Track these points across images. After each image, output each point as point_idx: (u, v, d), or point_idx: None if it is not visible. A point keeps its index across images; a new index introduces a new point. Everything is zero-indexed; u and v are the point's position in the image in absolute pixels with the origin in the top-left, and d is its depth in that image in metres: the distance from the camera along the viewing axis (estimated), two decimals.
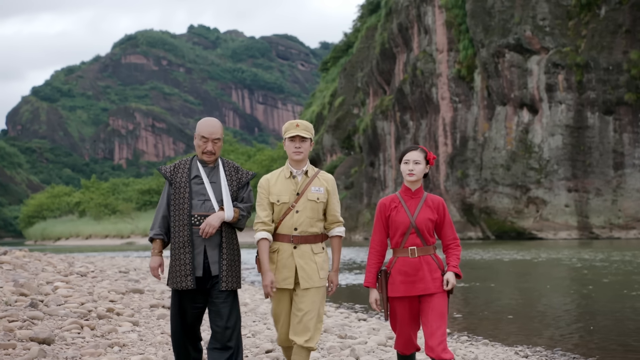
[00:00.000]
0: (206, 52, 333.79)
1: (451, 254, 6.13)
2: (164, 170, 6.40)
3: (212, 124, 6.35)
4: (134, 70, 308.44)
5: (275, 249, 6.21)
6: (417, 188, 6.11)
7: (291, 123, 6.28)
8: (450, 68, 65.84)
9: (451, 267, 6.02)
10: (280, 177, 6.30)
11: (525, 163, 58.09)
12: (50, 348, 6.65)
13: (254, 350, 7.84)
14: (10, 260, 13.49)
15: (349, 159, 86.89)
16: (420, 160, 6.07)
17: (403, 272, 5.97)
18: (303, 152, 6.23)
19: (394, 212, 6.06)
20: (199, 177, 6.28)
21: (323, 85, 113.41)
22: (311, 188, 6.21)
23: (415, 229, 5.98)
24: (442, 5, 67.37)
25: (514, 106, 59.20)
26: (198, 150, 6.35)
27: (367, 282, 6.13)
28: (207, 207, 6.17)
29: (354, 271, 25.79)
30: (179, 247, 6.13)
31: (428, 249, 6.02)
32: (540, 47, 57.47)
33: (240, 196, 6.35)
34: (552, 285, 19.03)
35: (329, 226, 6.36)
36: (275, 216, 6.22)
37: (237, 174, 6.39)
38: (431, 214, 6.04)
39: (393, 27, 76.47)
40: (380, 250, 6.13)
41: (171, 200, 6.26)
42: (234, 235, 6.33)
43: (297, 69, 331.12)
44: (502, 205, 59.61)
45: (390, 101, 75.24)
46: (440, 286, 5.96)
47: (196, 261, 6.12)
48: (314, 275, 6.14)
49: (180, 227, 6.15)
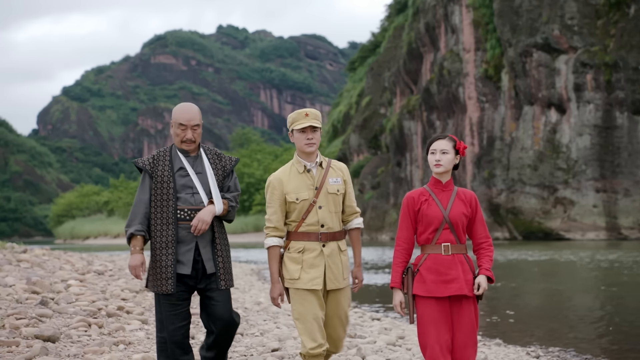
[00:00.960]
0: (235, 52, 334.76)
1: (483, 254, 5.61)
2: (142, 162, 5.89)
3: (190, 109, 5.90)
4: (163, 70, 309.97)
5: (299, 248, 5.78)
6: (447, 180, 5.61)
7: (299, 113, 5.85)
8: (477, 67, 65.52)
9: (483, 270, 5.52)
10: (292, 173, 5.87)
11: (553, 163, 57.68)
12: (54, 345, 6.67)
13: (259, 349, 7.81)
14: (29, 259, 13.57)
15: (375, 158, 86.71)
16: (448, 149, 5.55)
17: (434, 270, 5.44)
18: (315, 143, 5.84)
19: (424, 205, 5.54)
20: (184, 169, 5.84)
21: (350, 85, 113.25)
22: (329, 180, 5.86)
23: (449, 224, 5.49)
24: (469, 5, 67.07)
25: (542, 106, 58.79)
26: (176, 140, 5.89)
27: (393, 282, 5.55)
28: (196, 201, 5.77)
29: (373, 270, 25.72)
30: (161, 246, 5.71)
31: (461, 248, 5.54)
32: (568, 47, 57.03)
33: (226, 185, 5.95)
34: (575, 286, 18.88)
35: (347, 218, 5.99)
36: (295, 215, 5.79)
37: (221, 162, 6.00)
38: (465, 209, 5.57)
39: (420, 26, 76.25)
40: (407, 248, 5.57)
41: (152, 195, 5.78)
42: (224, 229, 5.98)
43: (325, 68, 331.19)
44: (529, 206, 59.22)
45: (417, 101, 75.05)
46: (472, 290, 5.46)
47: (186, 258, 5.72)
48: (339, 275, 5.81)
49: (163, 224, 5.72)
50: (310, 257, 5.75)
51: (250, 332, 8.99)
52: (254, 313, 11.09)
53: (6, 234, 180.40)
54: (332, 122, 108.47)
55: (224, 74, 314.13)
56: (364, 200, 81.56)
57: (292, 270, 5.75)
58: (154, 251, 5.76)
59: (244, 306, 11.79)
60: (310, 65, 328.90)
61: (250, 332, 9.04)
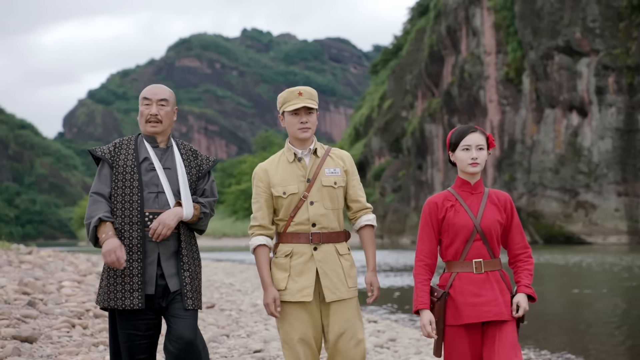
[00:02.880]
0: (259, 55, 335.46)
1: (521, 268, 4.72)
2: (100, 151, 4.95)
3: (158, 85, 5.10)
4: (187, 73, 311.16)
5: (287, 252, 4.88)
6: (476, 181, 4.75)
7: (291, 92, 4.99)
8: (498, 70, 65.27)
9: (522, 287, 4.65)
10: (281, 163, 5.00)
11: (574, 167, 57.29)
12: (29, 346, 6.65)
13: (241, 350, 7.76)
14: (32, 260, 13.63)
15: (396, 161, 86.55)
16: (483, 144, 4.71)
17: (467, 292, 4.58)
18: (311, 128, 4.96)
19: (450, 212, 4.67)
20: (149, 161, 4.92)
21: (373, 88, 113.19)
22: (324, 171, 4.95)
23: (481, 235, 4.61)
24: (490, 7, 66.86)
25: (563, 109, 58.42)
26: (141, 121, 4.98)
27: (420, 303, 4.61)
28: (161, 202, 4.83)
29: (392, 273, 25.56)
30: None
31: (496, 263, 4.67)
32: (590, 49, 56.63)
33: (200, 188, 5.03)
34: (592, 290, 18.67)
35: (354, 215, 5.07)
36: (283, 213, 4.92)
37: (197, 160, 5.06)
38: (499, 215, 4.70)
39: (442, 29, 76.07)
40: (430, 264, 4.69)
41: (112, 189, 4.84)
42: (194, 240, 5.02)
43: (349, 71, 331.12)
44: (550, 209, 58.84)
45: (438, 104, 74.88)
46: (511, 312, 4.60)
47: (147, 274, 4.77)
48: (340, 284, 4.85)
49: (126, 224, 4.78)
50: (299, 263, 4.85)
51: (237, 334, 8.96)
52: (246, 315, 11.07)
53: (31, 236, 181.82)
54: (354, 125, 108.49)
55: (248, 77, 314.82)
56: (385, 203, 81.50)
57: (278, 279, 4.87)
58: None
59: (239, 308, 11.76)
60: (334, 68, 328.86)
61: (237, 333, 9.01)
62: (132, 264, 4.72)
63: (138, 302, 4.68)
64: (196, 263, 4.96)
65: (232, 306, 11.70)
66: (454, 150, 4.76)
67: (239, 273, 24.53)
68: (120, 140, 5.02)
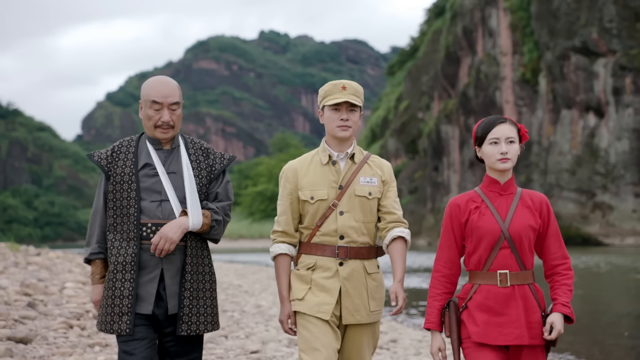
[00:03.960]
0: (276, 56, 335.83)
1: (559, 283, 4.08)
2: (97, 156, 4.50)
3: (166, 82, 4.43)
4: (205, 75, 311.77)
5: (310, 265, 4.39)
6: (507, 180, 4.14)
7: (334, 85, 4.49)
8: (514, 71, 65.07)
9: (559, 306, 4.00)
10: (313, 164, 4.49)
11: (591, 168, 57.04)
12: (23, 347, 6.66)
13: (237, 350, 7.73)
14: (39, 261, 13.69)
15: (413, 163, 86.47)
16: (514, 137, 4.10)
17: (487, 308, 3.99)
18: (352, 127, 4.45)
19: (474, 215, 4.10)
20: (151, 166, 4.35)
21: (389, 89, 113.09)
22: (359, 179, 4.42)
23: (509, 242, 4.00)
24: (506, 8, 66.68)
25: (580, 110, 58.17)
26: (148, 124, 4.41)
27: (428, 322, 4.13)
28: (165, 212, 4.27)
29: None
30: (117, 269, 4.25)
31: (526, 276, 4.04)
32: (606, 50, 56.37)
33: (212, 191, 4.43)
34: (605, 292, 18.52)
35: (385, 226, 4.46)
36: (308, 220, 4.42)
37: (208, 159, 4.47)
38: (532, 219, 4.08)
39: (458, 30, 75.90)
40: (449, 275, 4.13)
41: (109, 201, 4.34)
42: (205, 252, 4.41)
43: (367, 73, 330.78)
44: (567, 211, 58.57)
45: (454, 105, 74.72)
46: (539, 335, 3.99)
47: (146, 291, 4.23)
48: (362, 307, 4.34)
49: (122, 240, 4.27)
50: (322, 278, 4.35)
51: (236, 335, 8.94)
52: (249, 316, 11.04)
53: (50, 237, 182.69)
54: (371, 127, 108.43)
55: (266, 79, 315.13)
56: (401, 205, 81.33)
57: (296, 288, 4.40)
58: (108, 277, 4.31)
59: (242, 309, 11.74)
60: (351, 70, 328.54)
61: (235, 334, 8.99)
62: (124, 284, 4.19)
63: (126, 327, 4.14)
64: (206, 279, 4.35)
65: (235, 307, 11.69)
66: (481, 144, 4.16)
67: (250, 275, 24.53)
68: (120, 143, 4.53)
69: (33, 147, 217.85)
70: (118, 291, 4.19)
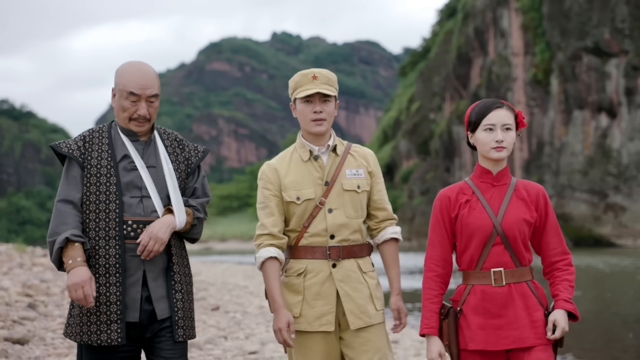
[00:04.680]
0: (289, 58, 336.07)
1: (560, 279, 3.79)
2: (66, 147, 3.96)
3: (145, 72, 4.01)
4: (217, 76, 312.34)
5: (299, 270, 4.04)
6: (501, 170, 3.81)
7: (304, 75, 4.18)
8: (526, 72, 64.92)
9: (561, 302, 3.71)
10: (294, 162, 4.15)
11: (604, 168, 56.85)
12: (19, 348, 6.66)
13: (235, 351, 7.71)
14: (44, 263, 13.71)
15: (424, 164, 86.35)
16: (511, 124, 3.77)
17: (483, 310, 3.70)
18: (327, 119, 4.13)
19: (464, 209, 3.77)
20: (129, 159, 3.94)
21: (401, 90, 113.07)
22: (345, 172, 4.11)
23: (502, 237, 3.70)
24: (518, 8, 66.56)
25: (592, 110, 57.99)
26: (122, 116, 3.97)
27: (425, 326, 3.77)
28: (147, 209, 3.88)
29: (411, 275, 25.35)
30: (99, 273, 3.79)
31: (523, 273, 3.74)
32: (619, 50, 56.17)
33: (189, 187, 4.07)
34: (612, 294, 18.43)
35: (377, 226, 4.20)
36: (295, 222, 4.08)
37: (184, 152, 4.10)
38: (527, 212, 3.77)
39: (469, 30, 75.83)
40: (442, 274, 3.81)
41: (85, 195, 3.87)
42: (185, 252, 4.09)
43: (379, 74, 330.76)
44: (579, 212, 58.40)
45: (466, 106, 74.60)
46: (543, 335, 3.67)
47: (130, 297, 3.82)
48: (368, 306, 4.00)
49: (102, 239, 3.82)
50: (315, 283, 4.01)
51: (235, 336, 8.93)
52: (250, 317, 11.03)
53: None
54: (383, 128, 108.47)
55: (278, 80, 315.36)
56: (413, 206, 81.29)
57: (289, 303, 4.02)
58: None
59: (245, 310, 11.73)
60: (364, 71, 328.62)
61: (235, 335, 8.97)
62: (110, 288, 3.74)
63: (117, 337, 3.72)
64: (188, 281, 4.00)
65: (238, 308, 11.68)
66: (474, 130, 3.82)
67: (258, 276, 24.50)
68: (89, 132, 4.01)
69: (46, 149, 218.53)
70: (104, 297, 3.73)
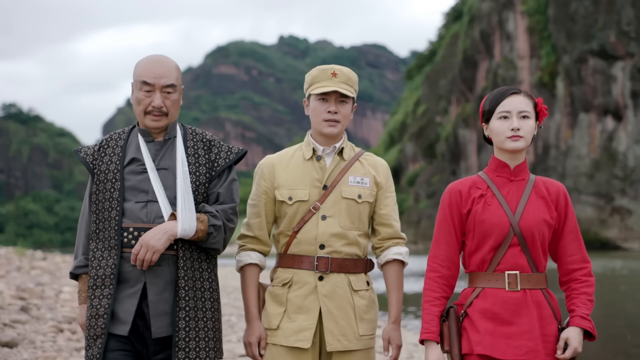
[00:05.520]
0: (296, 61, 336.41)
1: (577, 291, 3.38)
2: (83, 152, 3.74)
3: (161, 61, 3.70)
4: (224, 80, 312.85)
5: (285, 280, 3.67)
6: (519, 164, 3.42)
7: (323, 70, 3.75)
8: (532, 75, 64.93)
9: (577, 319, 3.30)
10: (294, 159, 3.79)
11: (609, 171, 56.79)
12: (7, 351, 6.65)
13: (226, 354, 7.70)
14: (43, 266, 13.73)
15: (431, 167, 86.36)
16: (529, 112, 3.37)
17: (493, 315, 3.31)
18: (341, 122, 3.72)
19: (478, 205, 3.38)
20: (139, 161, 3.63)
21: (407, 93, 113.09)
22: (348, 178, 3.69)
23: (520, 238, 3.31)
24: (524, 11, 66.58)
25: (598, 113, 57.95)
26: (138, 110, 3.67)
27: (425, 331, 3.37)
28: (151, 214, 3.54)
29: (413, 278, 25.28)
30: (95, 285, 3.51)
31: (539, 279, 3.36)
32: (625, 53, 56.14)
33: (213, 192, 3.66)
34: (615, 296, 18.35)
35: (380, 244, 3.77)
36: (285, 224, 3.71)
37: (210, 152, 3.70)
38: (547, 212, 3.37)
39: (475, 34, 75.86)
40: (447, 276, 3.42)
41: (92, 203, 3.64)
42: (202, 263, 3.60)
43: (386, 77, 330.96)
44: (585, 215, 58.28)
45: (472, 109, 74.58)
46: (553, 352, 3.29)
47: (124, 308, 3.49)
48: (349, 330, 3.60)
49: (103, 249, 3.56)
50: (299, 296, 3.63)
51: (227, 339, 8.91)
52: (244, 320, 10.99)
53: (71, 242, 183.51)
54: (389, 131, 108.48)
55: (285, 84, 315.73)
56: (419, 209, 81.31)
57: (271, 314, 3.66)
58: (88, 294, 3.57)
59: (241, 313, 11.70)
60: (371, 74, 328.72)
61: (227, 338, 8.95)
62: (102, 301, 3.46)
63: (97, 353, 3.43)
64: (206, 297, 3.55)
65: (233, 311, 11.67)
66: (489, 119, 3.44)
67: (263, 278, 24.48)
68: (110, 136, 3.79)
69: (54, 153, 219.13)
70: (94, 310, 3.47)
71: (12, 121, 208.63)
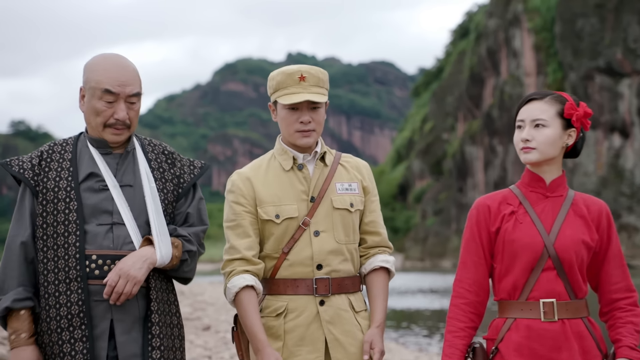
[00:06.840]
0: None
1: (622, 320, 3.01)
2: (17, 166, 3.14)
3: (124, 66, 3.19)
4: (232, 97, 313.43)
5: (279, 309, 3.21)
6: (555, 178, 3.03)
7: (289, 74, 3.31)
8: None
9: (625, 349, 2.96)
10: (272, 171, 3.33)
11: (616, 189, 56.64)
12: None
13: None
14: None
15: (438, 184, 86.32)
16: (545, 119, 3.00)
17: (528, 351, 2.93)
18: (316, 130, 3.29)
19: (508, 223, 3.01)
20: (98, 177, 3.12)
21: (415, 110, 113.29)
22: (336, 186, 3.31)
23: (555, 261, 2.94)
24: (530, 29, 66.65)
25: (605, 130, 57.84)
26: (95, 122, 3.14)
27: None
28: (118, 240, 3.06)
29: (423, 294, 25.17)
30: (59, 327, 2.99)
31: (579, 307, 2.99)
32: (631, 70, 56.08)
33: (180, 212, 3.23)
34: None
35: (365, 251, 3.37)
36: (271, 246, 3.26)
37: (174, 167, 3.27)
38: (587, 232, 3.00)
39: (482, 51, 75.96)
40: (475, 303, 3.05)
41: (38, 227, 3.08)
42: (170, 296, 3.20)
43: (394, 94, 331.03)
44: None
45: (478, 126, 74.60)
46: None
47: (94, 353, 2.97)
48: (359, 357, 3.19)
49: (59, 284, 3.00)
50: (299, 325, 3.18)
51: (220, 355, 8.86)
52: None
53: None
54: (396, 148, 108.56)
55: None
56: (426, 226, 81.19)
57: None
58: (44, 333, 3.02)
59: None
60: (379, 91, 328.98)
61: (220, 355, 8.90)
62: (75, 346, 2.96)
63: None
64: (175, 334, 3.15)
65: (229, 327, 11.62)
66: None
67: None
68: (50, 146, 3.22)
69: None
70: (67, 356, 2.96)
71: (20, 138, 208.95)
